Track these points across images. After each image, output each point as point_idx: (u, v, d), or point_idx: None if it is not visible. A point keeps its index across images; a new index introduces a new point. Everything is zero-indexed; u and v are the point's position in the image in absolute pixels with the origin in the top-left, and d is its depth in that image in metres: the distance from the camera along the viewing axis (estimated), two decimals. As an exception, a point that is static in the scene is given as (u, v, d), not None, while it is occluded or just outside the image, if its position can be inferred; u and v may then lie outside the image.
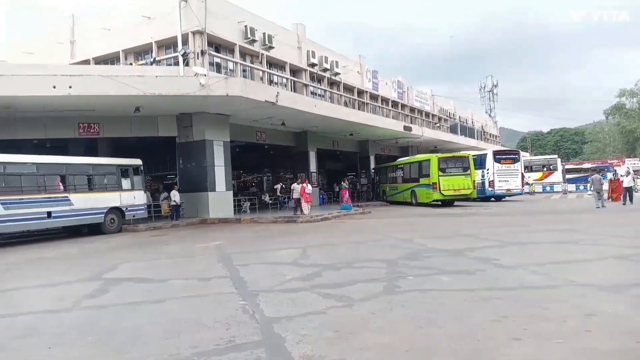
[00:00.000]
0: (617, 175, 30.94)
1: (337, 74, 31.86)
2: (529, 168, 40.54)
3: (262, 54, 25.26)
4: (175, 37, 20.36)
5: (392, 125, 31.98)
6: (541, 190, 40.46)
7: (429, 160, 25.21)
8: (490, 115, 75.77)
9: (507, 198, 28.82)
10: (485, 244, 10.13)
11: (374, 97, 38.01)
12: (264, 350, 3.98)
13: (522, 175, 28.84)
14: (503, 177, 27.66)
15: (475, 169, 25.40)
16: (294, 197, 20.14)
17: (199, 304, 5.74)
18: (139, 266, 9.27)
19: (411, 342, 4.05)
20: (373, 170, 35.72)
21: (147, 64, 22.35)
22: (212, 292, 6.39)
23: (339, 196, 25.64)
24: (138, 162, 17.99)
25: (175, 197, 19.61)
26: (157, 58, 22.62)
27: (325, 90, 31.48)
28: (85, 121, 19.37)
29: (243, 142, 25.96)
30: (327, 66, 30.64)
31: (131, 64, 23.33)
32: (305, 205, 19.45)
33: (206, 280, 7.23)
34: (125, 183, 17.37)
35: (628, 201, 20.28)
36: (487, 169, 27.86)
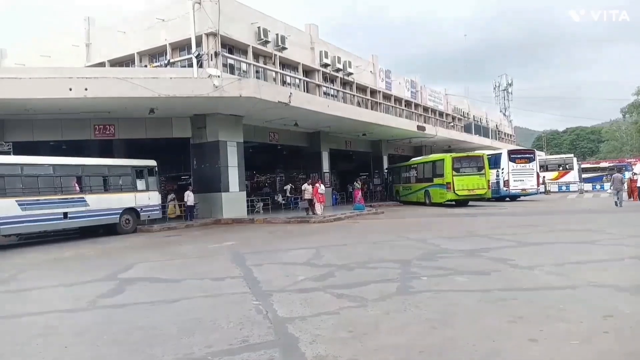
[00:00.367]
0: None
1: (350, 74, 31.83)
2: (544, 167, 40.10)
3: (275, 55, 25.33)
4: (189, 39, 20.51)
5: (405, 125, 31.85)
6: (557, 190, 39.99)
7: (442, 160, 25.04)
8: (504, 114, 75.10)
9: (522, 198, 28.52)
10: (501, 244, 10.03)
11: (387, 97, 37.89)
12: (277, 350, 3.99)
13: (537, 174, 28.52)
14: (518, 176, 27.39)
15: (489, 168, 25.20)
16: (306, 197, 20.14)
17: (212, 303, 5.77)
18: (153, 266, 9.35)
19: (425, 343, 4.03)
20: (386, 171, 35.60)
21: (162, 66, 22.56)
22: (226, 292, 6.42)
23: (352, 196, 25.60)
24: (153, 163, 18.15)
25: (189, 197, 19.76)
26: (172, 60, 22.82)
27: (338, 91, 31.47)
28: (100, 123, 19.62)
29: (256, 142, 26.04)
30: (340, 66, 30.63)
31: (146, 66, 23.56)
32: (318, 206, 19.45)
33: (220, 280, 7.26)
34: (140, 184, 17.54)
35: None
36: (502, 169, 27.60)
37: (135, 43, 23.93)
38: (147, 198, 17.61)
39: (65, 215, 14.94)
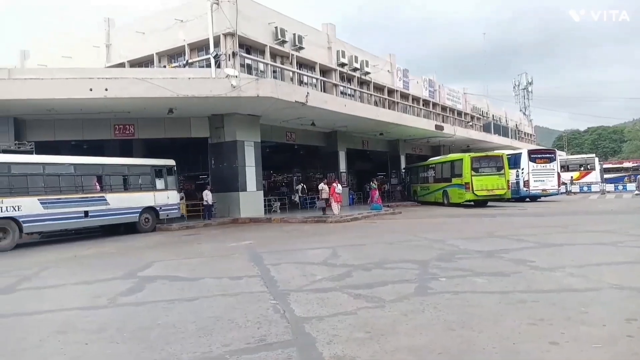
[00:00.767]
0: None
1: (367, 73, 31.75)
2: (565, 167, 39.48)
3: (292, 55, 25.39)
4: (207, 40, 20.68)
5: (423, 124, 31.65)
6: (578, 190, 39.34)
7: (461, 159, 24.83)
8: (524, 114, 74.11)
9: (542, 198, 28.12)
10: (521, 245, 9.89)
11: (404, 96, 37.69)
12: (295, 349, 3.99)
13: (558, 174, 28.08)
14: (538, 176, 27.01)
15: (509, 168, 24.89)
16: (323, 197, 20.14)
17: (230, 302, 5.79)
18: (172, 264, 9.43)
19: (444, 345, 3.98)
20: (404, 170, 35.42)
21: (180, 66, 22.79)
22: (244, 290, 6.44)
23: (369, 196, 25.52)
24: (171, 162, 18.34)
25: (208, 197, 19.92)
26: (190, 60, 23.04)
27: (355, 90, 31.41)
28: (120, 123, 19.89)
29: (273, 142, 26.14)
30: (357, 66, 30.56)
31: (165, 66, 23.84)
32: (335, 206, 19.42)
33: (237, 279, 7.29)
34: (159, 183, 17.73)
35: None
36: (522, 169, 27.25)
37: (154, 43, 24.23)
38: (166, 197, 17.80)
39: (86, 213, 15.18)
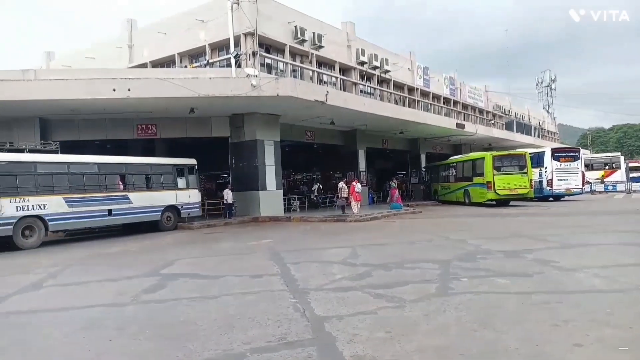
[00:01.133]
0: None
1: (387, 71, 31.59)
2: (589, 166, 38.69)
3: (311, 54, 25.41)
4: (228, 40, 20.83)
5: (444, 122, 31.36)
6: (603, 190, 38.52)
7: (483, 158, 24.54)
8: (548, 112, 72.82)
9: (566, 198, 27.62)
10: (544, 245, 9.73)
11: (425, 94, 37.41)
12: (315, 348, 3.99)
13: (582, 173, 27.55)
14: (562, 175, 26.55)
15: (532, 167, 24.51)
16: (342, 196, 20.11)
17: (251, 300, 5.83)
18: (194, 262, 9.55)
19: (465, 346, 3.94)
20: (424, 169, 35.16)
21: (201, 66, 23.02)
22: (264, 289, 6.48)
23: (389, 195, 25.39)
24: (193, 161, 18.53)
25: (228, 195, 20.09)
26: (211, 60, 23.25)
27: (374, 88, 31.29)
28: (143, 122, 20.17)
29: (293, 141, 26.21)
30: (377, 64, 30.44)
31: (186, 66, 24.10)
32: (354, 205, 19.38)
33: (258, 277, 7.34)
34: (181, 182, 17.95)
35: None
36: (545, 168, 26.81)
37: (176, 44, 24.51)
38: (187, 196, 18.00)
39: (110, 212, 15.44)
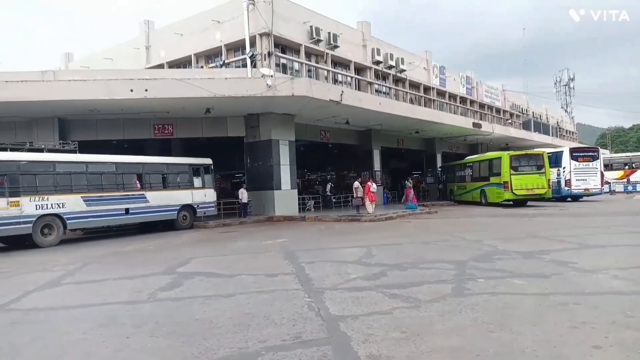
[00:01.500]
0: None
1: (402, 70, 31.43)
2: (609, 166, 38.04)
3: (327, 54, 25.39)
4: (243, 40, 20.93)
5: (460, 122, 31.12)
6: (622, 190, 37.85)
7: (500, 158, 24.32)
8: (566, 111, 71.82)
9: (584, 198, 27.20)
10: (562, 246, 9.60)
11: (441, 94, 37.14)
12: (330, 348, 3.99)
13: (601, 173, 27.12)
14: (580, 175, 26.17)
15: (550, 167, 24.21)
16: (358, 195, 20.06)
17: (266, 299, 5.85)
18: (209, 261, 9.62)
19: (482, 347, 3.90)
20: (440, 169, 34.93)
21: (217, 66, 23.15)
22: (279, 288, 6.49)
23: (404, 195, 25.27)
24: (208, 161, 18.67)
25: (243, 195, 20.18)
26: (226, 60, 23.36)
27: (390, 88, 31.15)
28: (160, 122, 20.38)
29: (307, 141, 26.24)
30: (393, 63, 30.29)
31: (202, 67, 24.27)
32: (369, 204, 19.32)
33: (273, 276, 7.36)
34: (197, 181, 18.09)
35: None
36: (563, 168, 26.45)
37: (192, 44, 24.69)
38: (203, 195, 18.14)
39: (127, 211, 15.62)
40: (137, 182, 16.33)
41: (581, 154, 27.16)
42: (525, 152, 25.67)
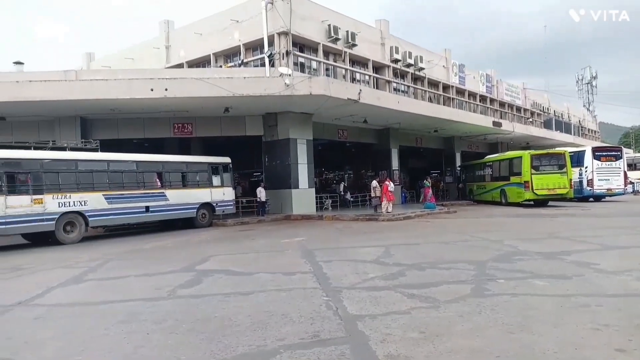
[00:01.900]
0: None
1: (421, 69, 31.21)
2: (632, 166, 37.21)
3: (344, 52, 25.35)
4: (262, 39, 21.01)
5: (480, 120, 30.79)
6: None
7: (520, 157, 23.99)
8: (588, 109, 70.48)
9: (607, 198, 26.69)
10: (584, 247, 9.44)
11: (460, 92, 36.79)
12: (348, 347, 3.98)
13: (624, 173, 26.56)
14: (603, 175, 25.69)
15: (572, 166, 23.81)
16: (377, 194, 19.98)
17: (284, 297, 5.87)
18: (228, 259, 9.69)
19: (502, 348, 3.86)
20: (459, 168, 34.60)
21: (236, 65, 23.28)
22: (297, 286, 6.50)
23: (422, 194, 25.09)
24: (227, 160, 18.80)
25: (261, 194, 20.28)
26: (245, 60, 23.48)
27: (408, 86, 30.96)
28: (179, 121, 20.60)
29: (325, 140, 26.24)
30: (411, 61, 30.10)
31: (221, 66, 24.43)
32: (386, 204, 19.21)
33: (290, 274, 7.38)
34: (216, 180, 18.24)
35: None
36: (586, 167, 25.99)
37: (211, 44, 24.87)
38: (222, 193, 18.28)
39: (147, 209, 15.83)
40: (158, 180, 16.52)
41: (604, 154, 26.66)
42: (547, 152, 25.30)
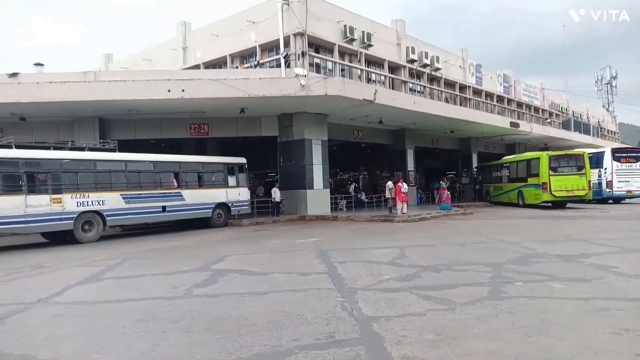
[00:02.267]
0: None
1: (437, 69, 31.02)
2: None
3: (360, 53, 25.31)
4: (278, 40, 21.08)
5: (497, 121, 30.48)
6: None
7: (538, 158, 23.70)
8: (608, 110, 69.35)
9: (627, 200, 26.21)
10: (603, 249, 9.28)
11: (477, 92, 36.48)
12: (363, 348, 3.98)
13: None
14: (623, 177, 25.25)
15: (591, 168, 23.44)
16: (392, 195, 19.88)
17: (299, 298, 5.88)
18: (243, 259, 9.73)
19: (519, 351, 3.81)
20: (476, 169, 34.30)
21: (252, 66, 23.40)
22: (312, 287, 6.51)
23: (438, 195, 24.90)
24: (243, 160, 18.90)
25: (276, 194, 20.33)
26: (261, 61, 23.59)
27: (424, 87, 30.80)
28: (196, 122, 20.75)
29: (340, 140, 26.21)
30: (427, 62, 29.94)
31: (237, 67, 24.58)
32: (400, 205, 19.10)
33: (305, 275, 7.39)
34: (231, 180, 18.35)
35: None
36: (605, 169, 25.57)
37: (227, 45, 25.03)
38: (237, 194, 18.38)
39: (164, 208, 15.98)
40: (174, 180, 16.67)
41: (624, 155, 26.21)
42: (565, 153, 24.96)
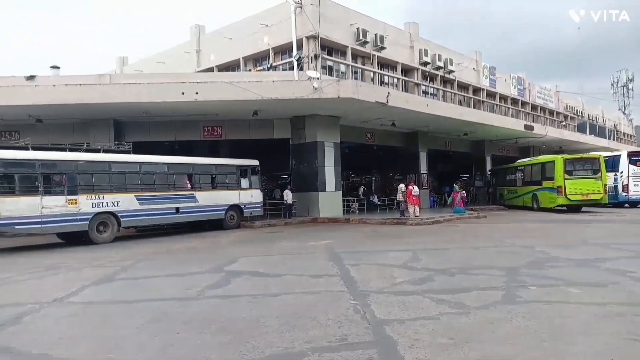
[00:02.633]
0: None
1: (451, 71, 30.88)
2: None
3: (373, 55, 25.30)
4: (291, 43, 21.15)
5: (511, 124, 30.18)
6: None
7: (553, 161, 23.44)
8: (624, 113, 68.46)
9: (644, 204, 25.81)
10: (619, 254, 9.15)
11: (491, 95, 36.22)
12: (376, 351, 3.97)
13: None
14: (639, 181, 24.87)
15: (606, 171, 23.12)
16: (404, 198, 19.78)
17: (311, 300, 5.88)
18: (256, 261, 9.75)
19: (533, 356, 3.78)
20: (489, 172, 34.02)
21: (265, 69, 23.50)
22: (324, 289, 6.51)
23: (451, 198, 24.73)
24: (255, 162, 18.97)
25: (288, 196, 20.37)
26: (274, 64, 23.69)
27: (437, 89, 30.67)
28: (209, 124, 20.88)
29: (352, 143, 26.14)
30: (441, 64, 29.82)
31: (250, 70, 24.72)
32: (411, 208, 19.00)
33: (318, 277, 7.39)
34: (244, 182, 18.41)
35: None
36: (621, 172, 25.19)
37: (241, 48, 25.19)
38: (250, 196, 18.44)
39: (178, 210, 16.08)
40: (188, 182, 16.78)
41: None
42: (580, 156, 24.63)
